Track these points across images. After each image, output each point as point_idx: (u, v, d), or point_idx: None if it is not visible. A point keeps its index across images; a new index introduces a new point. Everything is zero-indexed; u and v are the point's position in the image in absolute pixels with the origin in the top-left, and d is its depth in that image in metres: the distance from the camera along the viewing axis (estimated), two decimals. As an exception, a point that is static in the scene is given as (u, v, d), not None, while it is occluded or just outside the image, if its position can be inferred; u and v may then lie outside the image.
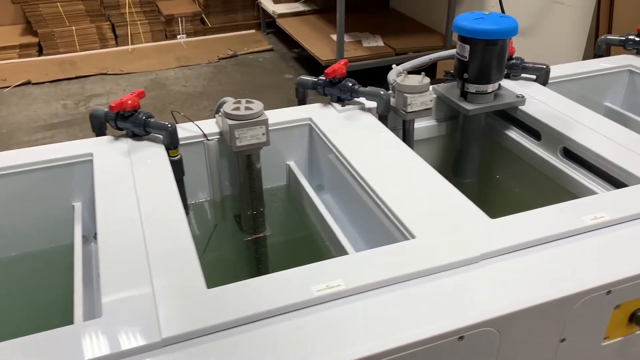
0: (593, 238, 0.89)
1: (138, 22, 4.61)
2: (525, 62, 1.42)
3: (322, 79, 1.29)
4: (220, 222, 1.31)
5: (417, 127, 1.39)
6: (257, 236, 1.25)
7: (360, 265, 0.83)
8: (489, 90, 1.26)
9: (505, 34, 1.19)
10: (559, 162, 1.22)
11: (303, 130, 1.27)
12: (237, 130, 1.09)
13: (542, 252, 0.86)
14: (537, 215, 0.93)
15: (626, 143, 1.14)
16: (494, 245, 0.86)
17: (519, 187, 1.38)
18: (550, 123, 1.23)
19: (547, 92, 1.38)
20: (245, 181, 1.18)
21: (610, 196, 1.00)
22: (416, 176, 1.04)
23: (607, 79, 1.54)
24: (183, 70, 4.25)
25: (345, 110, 1.29)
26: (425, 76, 1.24)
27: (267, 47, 4.59)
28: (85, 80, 4.07)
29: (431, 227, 0.91)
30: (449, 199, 0.98)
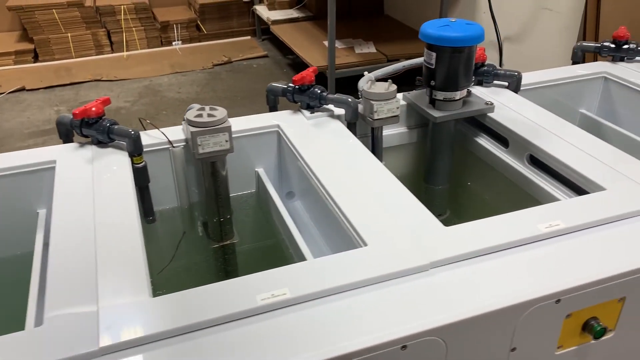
0: (546, 246, 0.89)
1: (133, 29, 4.64)
2: (497, 69, 1.42)
3: (291, 86, 1.30)
4: (189, 229, 1.31)
5: (387, 134, 1.39)
6: (225, 243, 1.25)
7: (309, 273, 0.83)
8: (456, 97, 1.26)
9: (471, 41, 1.19)
10: (525, 169, 1.22)
11: (272, 137, 1.27)
12: (199, 137, 1.09)
13: (493, 260, 0.86)
14: (491, 223, 0.93)
15: (591, 150, 1.13)
16: (445, 254, 0.86)
17: (489, 194, 1.37)
18: (518, 130, 1.23)
19: (517, 99, 1.38)
20: (211, 188, 1.18)
21: (569, 204, 1.00)
22: (376, 184, 1.04)
23: (582, 85, 1.54)
24: (177, 76, 4.27)
25: (313, 117, 1.29)
26: (392, 83, 1.24)
27: (261, 54, 4.60)
28: (79, 87, 4.10)
29: (384, 235, 0.90)
30: (405, 207, 0.97)
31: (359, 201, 0.99)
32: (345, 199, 1.00)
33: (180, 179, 1.24)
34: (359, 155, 1.14)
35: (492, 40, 3.40)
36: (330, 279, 0.81)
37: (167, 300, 0.78)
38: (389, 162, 1.40)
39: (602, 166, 1.08)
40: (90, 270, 0.83)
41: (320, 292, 0.79)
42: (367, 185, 1.04)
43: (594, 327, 0.86)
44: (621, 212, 0.95)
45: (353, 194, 1.01)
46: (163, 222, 1.27)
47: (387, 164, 1.38)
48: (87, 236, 0.90)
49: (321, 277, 0.81)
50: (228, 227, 1.24)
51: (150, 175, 1.20)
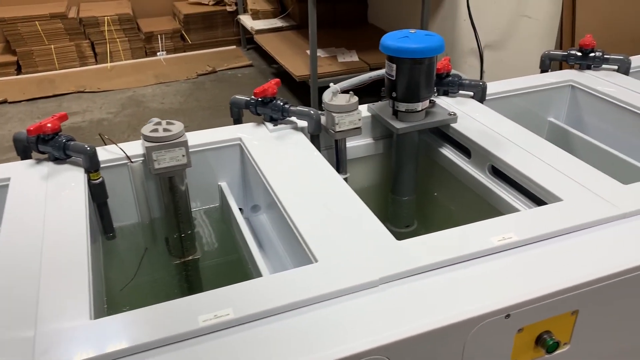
0: (499, 260, 0.88)
1: (117, 40, 4.63)
2: (462, 79, 1.42)
3: (254, 99, 1.29)
4: (151, 245, 1.29)
5: (353, 146, 1.38)
6: (186, 259, 1.23)
7: (256, 292, 0.82)
8: (418, 108, 1.25)
9: (430, 52, 1.18)
10: (487, 180, 1.21)
11: (234, 151, 1.26)
12: (154, 152, 1.08)
13: (444, 275, 0.85)
14: (444, 236, 0.92)
15: (551, 160, 1.13)
16: (396, 269, 0.85)
17: (455, 204, 1.37)
18: (479, 141, 1.22)
19: (482, 109, 1.37)
20: (170, 204, 1.17)
21: (524, 216, 0.99)
22: (333, 198, 1.03)
23: (550, 94, 1.54)
24: (161, 87, 4.26)
25: (276, 129, 1.28)
26: (353, 95, 1.24)
27: (246, 63, 4.61)
28: (62, 99, 4.08)
29: (336, 250, 0.89)
30: (360, 222, 0.96)
31: (314, 216, 0.98)
32: (301, 213, 0.99)
33: (140, 195, 1.22)
34: (318, 169, 1.13)
35: (473, 48, 3.41)
36: (277, 298, 0.80)
37: (107, 323, 0.77)
38: (355, 173, 1.39)
39: (560, 176, 1.07)
40: (32, 292, 0.81)
41: (266, 312, 0.78)
42: (323, 199, 1.03)
43: (547, 341, 0.85)
44: (576, 223, 0.94)
45: (309, 208, 1.00)
46: (124, 238, 1.26)
47: (353, 176, 1.38)
48: (32, 257, 0.88)
49: (268, 296, 0.80)
50: (189, 242, 1.22)
51: (110, 191, 1.19)
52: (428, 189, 1.43)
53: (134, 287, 1.28)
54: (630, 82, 1.48)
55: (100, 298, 0.98)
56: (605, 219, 0.95)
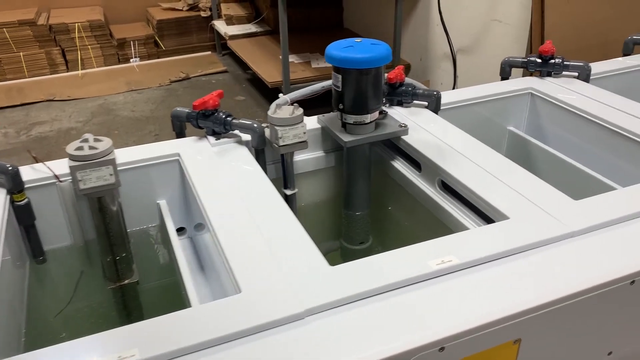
0: (436, 285, 0.82)
1: (89, 47, 4.54)
2: (416, 89, 1.36)
3: (194, 112, 1.22)
4: (87, 268, 1.22)
5: (303, 159, 1.32)
6: (122, 284, 1.16)
7: (168, 328, 0.75)
8: (367, 120, 1.20)
9: (376, 62, 1.13)
10: (437, 195, 1.16)
11: (173, 167, 1.20)
12: (79, 172, 1.01)
13: (375, 304, 0.79)
14: (379, 261, 0.86)
15: (501, 175, 1.07)
16: (325, 298, 0.79)
17: (408, 220, 1.31)
18: (429, 154, 1.16)
19: (436, 119, 1.32)
20: (100, 225, 1.10)
21: (466, 236, 0.93)
22: (268, 219, 0.97)
23: (509, 102, 1.49)
24: (132, 94, 4.18)
25: (218, 144, 1.22)
26: (298, 107, 1.18)
27: (220, 69, 4.54)
28: (30, 108, 3.98)
29: (262, 279, 0.83)
30: (293, 246, 0.90)
31: (244, 240, 0.92)
32: (231, 236, 0.92)
33: (71, 216, 1.15)
34: (257, 187, 1.07)
35: (446, 52, 3.38)
36: (190, 336, 0.73)
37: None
38: (306, 188, 1.33)
39: (509, 192, 1.02)
40: None
41: (175, 352, 0.71)
42: (258, 220, 0.96)
43: (488, 373, 0.80)
44: (520, 244, 0.88)
45: (240, 231, 0.94)
46: (57, 261, 1.18)
47: (303, 191, 1.32)
48: None
49: (181, 334, 0.74)
50: (125, 266, 1.15)
51: (39, 211, 1.12)
52: (382, 203, 1.37)
53: (70, 312, 1.21)
54: (589, 90, 1.43)
55: (12, 332, 0.91)
56: (551, 238, 0.90)
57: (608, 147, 1.30)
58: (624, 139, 1.25)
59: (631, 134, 1.24)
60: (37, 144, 3.51)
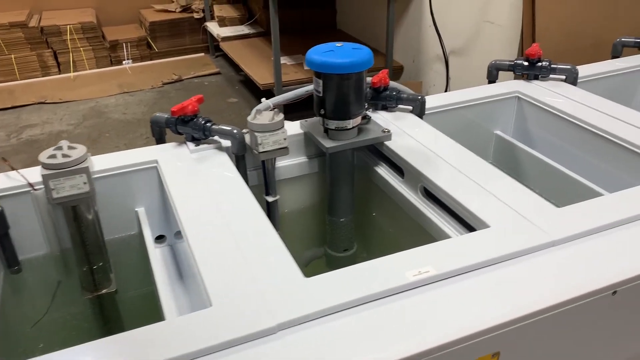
0: (412, 297, 0.80)
1: (81, 49, 4.51)
2: (401, 93, 1.34)
3: (173, 117, 1.20)
4: (65, 277, 1.20)
5: (286, 165, 1.30)
6: (99, 293, 1.14)
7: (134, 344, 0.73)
8: (349, 126, 1.18)
9: (357, 67, 1.11)
10: (419, 202, 1.14)
11: (151, 174, 1.18)
12: (52, 180, 0.99)
13: (348, 317, 0.77)
14: (355, 271, 0.84)
15: (483, 181, 1.05)
16: (297, 312, 0.76)
17: (393, 226, 1.29)
18: (411, 160, 1.15)
19: (420, 124, 1.30)
20: (76, 234, 1.08)
21: (445, 245, 0.91)
22: (243, 228, 0.94)
23: (496, 106, 1.47)
24: (125, 96, 4.16)
25: (197, 150, 1.20)
26: (278, 113, 1.16)
27: (213, 71, 4.51)
28: (21, 110, 3.95)
29: (234, 291, 0.81)
30: (267, 257, 0.88)
31: (218, 250, 0.89)
32: (204, 247, 0.90)
33: (47, 224, 1.13)
34: (235, 195, 1.05)
35: (438, 54, 3.36)
36: (159, 350, 0.71)
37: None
38: (288, 194, 1.31)
39: (491, 200, 1.00)
40: None
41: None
42: (233, 229, 0.94)
43: (465, 387, 0.77)
44: (500, 253, 0.86)
45: (215, 240, 0.92)
46: (34, 271, 1.16)
47: (286, 197, 1.30)
48: None
49: (150, 349, 0.72)
50: (102, 275, 1.13)
51: (13, 220, 1.10)
52: (366, 209, 1.35)
53: (48, 323, 1.18)
54: (576, 93, 1.41)
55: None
56: (532, 247, 0.88)
57: (595, 152, 1.28)
58: (611, 144, 1.24)
59: (617, 138, 1.22)
60: (27, 147, 3.48)
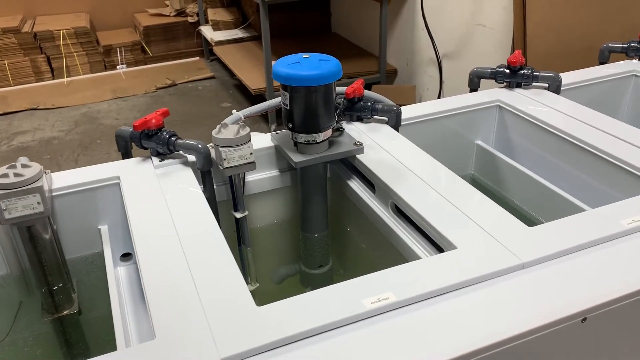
0: (369, 327, 0.76)
1: (75, 54, 4.50)
2: (376, 104, 1.30)
3: (137, 132, 1.16)
4: (26, 298, 1.16)
5: (257, 179, 1.26)
6: (60, 315, 1.10)
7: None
8: (318, 140, 1.13)
9: (324, 79, 1.07)
10: (390, 219, 1.09)
11: (113, 191, 1.14)
12: (3, 201, 0.95)
13: (299, 350, 0.73)
14: (309, 300, 0.80)
15: (456, 199, 1.01)
16: (243, 345, 0.72)
17: (365, 242, 1.25)
18: (382, 175, 1.10)
19: (395, 136, 1.25)
20: (33, 255, 1.04)
21: (408, 269, 0.86)
22: (200, 252, 0.90)
23: (477, 115, 1.43)
24: (118, 102, 4.13)
25: (162, 165, 1.16)
26: (244, 127, 1.12)
27: (207, 75, 4.48)
28: (13, 117, 3.94)
29: (179, 322, 0.76)
30: (220, 282, 0.84)
31: (169, 276, 0.85)
32: (155, 272, 0.86)
33: (5, 244, 1.09)
34: (194, 214, 1.01)
35: (432, 57, 3.31)
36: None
37: None
38: (260, 209, 1.27)
39: (462, 219, 0.95)
40: None
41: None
42: (188, 253, 0.90)
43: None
44: (465, 277, 0.82)
45: (167, 265, 0.88)
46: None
47: (257, 212, 1.26)
48: None
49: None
50: (62, 296, 1.09)
51: (-32, 240, 1.06)
52: (341, 224, 1.31)
53: (9, 344, 1.15)
54: (559, 102, 1.37)
55: None
56: (500, 270, 0.84)
57: (576, 164, 1.23)
58: (592, 156, 1.19)
59: (598, 150, 1.17)
60: (18, 154, 3.45)
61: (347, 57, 3.86)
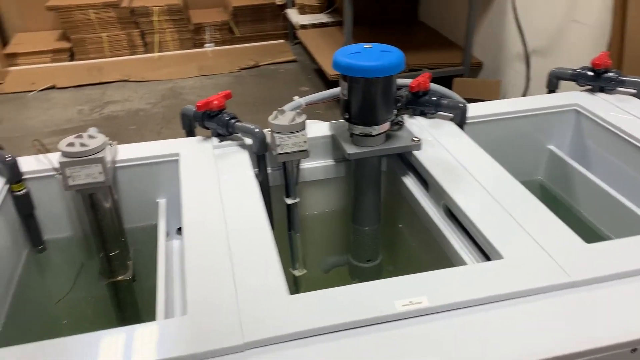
0: (397, 330, 0.74)
1: (167, 30, 4.68)
2: (441, 99, 1.25)
3: (200, 112, 1.19)
4: (87, 261, 1.23)
5: (311, 167, 1.26)
6: (115, 280, 1.16)
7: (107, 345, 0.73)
8: (374, 132, 1.11)
9: (384, 71, 1.04)
10: (441, 221, 1.05)
11: (173, 166, 1.17)
12: (68, 168, 1.01)
13: (321, 344, 0.72)
14: (341, 294, 0.79)
15: (512, 207, 0.95)
16: (268, 332, 0.73)
17: (415, 242, 1.21)
18: (437, 174, 1.06)
19: (457, 134, 1.21)
20: (93, 221, 1.10)
21: (446, 275, 0.83)
22: (241, 233, 0.92)
23: (552, 118, 1.34)
24: (202, 79, 4.27)
25: (220, 146, 1.18)
26: (300, 114, 1.12)
27: (290, 58, 4.52)
28: (107, 87, 4.17)
29: (211, 301, 0.78)
30: (257, 266, 0.85)
31: (209, 254, 0.87)
32: (196, 248, 0.88)
33: (71, 208, 1.16)
34: (243, 196, 1.02)
35: (520, 52, 3.16)
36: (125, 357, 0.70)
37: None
38: (312, 198, 1.28)
39: (514, 228, 0.90)
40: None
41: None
42: (231, 234, 0.92)
43: None
44: (506, 290, 0.78)
45: (209, 243, 0.90)
46: (59, 251, 1.21)
47: (309, 201, 1.26)
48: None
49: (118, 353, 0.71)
50: (118, 263, 1.15)
51: (40, 201, 1.14)
52: (394, 220, 1.28)
53: (69, 302, 1.23)
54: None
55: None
56: (545, 287, 0.79)
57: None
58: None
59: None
60: (107, 122, 3.67)
61: (432, 47, 3.76)
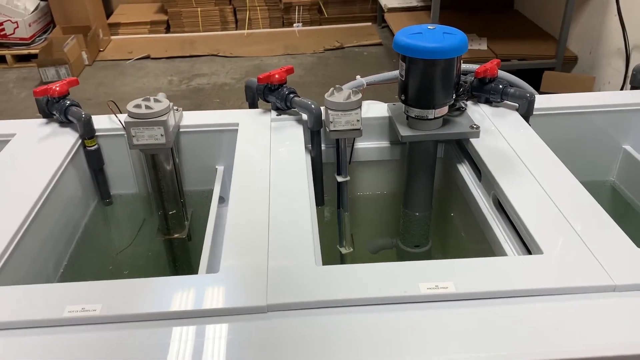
0: (418, 311, 0.74)
1: (258, 8, 4.79)
2: (509, 88, 1.21)
3: (262, 85, 1.23)
4: (149, 217, 1.32)
5: (366, 147, 1.26)
6: (171, 237, 1.23)
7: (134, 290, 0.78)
8: (430, 116, 1.09)
9: (445, 53, 1.02)
10: (489, 212, 1.02)
11: (232, 135, 1.22)
12: (132, 128, 1.08)
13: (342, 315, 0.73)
14: (369, 271, 0.79)
15: (564, 204, 0.91)
16: (288, 298, 0.75)
17: (464, 231, 1.18)
18: (491, 164, 1.03)
19: (521, 125, 1.16)
20: (154, 181, 1.17)
21: (478, 263, 0.81)
22: (284, 204, 0.94)
23: (629, 116, 1.25)
24: (287, 58, 4.34)
25: (278, 119, 1.21)
26: (356, 92, 1.12)
27: (375, 42, 4.49)
28: (196, 60, 4.35)
29: (243, 263, 0.82)
30: (293, 236, 0.87)
31: (250, 221, 0.90)
32: (239, 214, 0.92)
33: (137, 167, 1.24)
34: (291, 169, 1.04)
35: (620, 48, 2.95)
36: (150, 303, 0.75)
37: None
38: (364, 178, 1.28)
39: (562, 225, 0.86)
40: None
41: (135, 316, 0.74)
42: (274, 203, 0.94)
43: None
44: (535, 286, 0.75)
45: (251, 210, 0.93)
46: (123, 206, 1.30)
47: (361, 181, 1.27)
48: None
49: (147, 298, 0.76)
50: (174, 222, 1.22)
51: (109, 158, 1.23)
52: (447, 208, 1.26)
53: (129, 254, 1.32)
54: None
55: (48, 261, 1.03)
56: (583, 287, 0.75)
57: None
58: None
59: None
60: (193, 94, 3.84)
61: (524, 37, 3.60)
